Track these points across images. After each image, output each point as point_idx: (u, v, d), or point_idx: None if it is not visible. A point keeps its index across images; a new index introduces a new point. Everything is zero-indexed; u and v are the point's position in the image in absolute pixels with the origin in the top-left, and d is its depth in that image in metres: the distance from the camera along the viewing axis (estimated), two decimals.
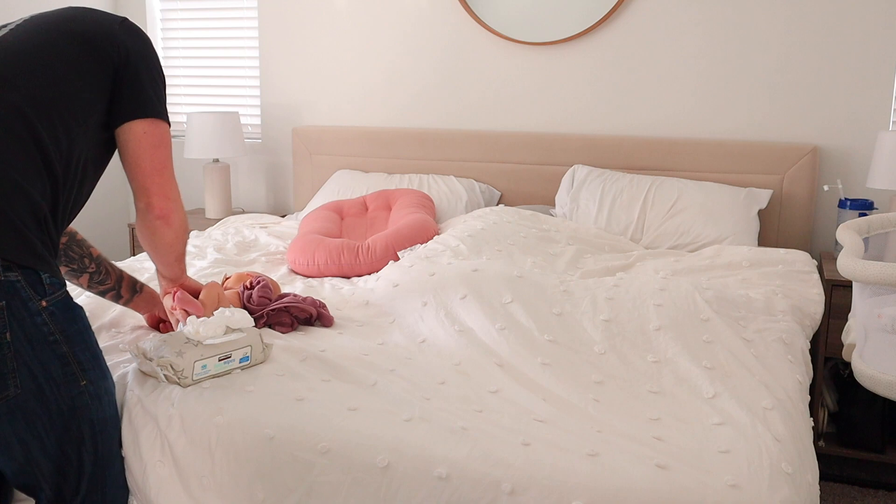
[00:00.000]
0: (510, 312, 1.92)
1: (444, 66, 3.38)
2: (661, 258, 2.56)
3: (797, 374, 1.75)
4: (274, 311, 1.91)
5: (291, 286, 2.34)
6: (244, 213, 3.64)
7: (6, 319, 1.32)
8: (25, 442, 1.38)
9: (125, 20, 1.55)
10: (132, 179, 1.54)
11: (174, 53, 3.89)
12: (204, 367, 1.58)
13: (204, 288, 1.84)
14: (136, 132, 1.51)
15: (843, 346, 1.94)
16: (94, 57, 1.47)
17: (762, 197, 2.84)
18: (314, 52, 3.57)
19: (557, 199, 3.04)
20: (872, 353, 1.76)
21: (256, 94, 3.75)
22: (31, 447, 1.39)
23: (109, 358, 1.69)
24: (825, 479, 2.57)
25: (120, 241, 3.92)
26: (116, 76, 1.50)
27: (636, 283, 2.09)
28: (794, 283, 2.31)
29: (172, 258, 1.67)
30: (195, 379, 1.57)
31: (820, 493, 1.46)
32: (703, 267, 2.42)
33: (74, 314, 1.42)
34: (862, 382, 1.77)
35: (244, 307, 1.92)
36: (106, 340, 1.82)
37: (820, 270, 2.74)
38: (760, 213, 2.85)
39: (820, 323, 2.22)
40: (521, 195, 3.23)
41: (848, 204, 2.75)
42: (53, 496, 1.45)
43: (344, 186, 3.28)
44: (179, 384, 1.56)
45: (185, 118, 3.80)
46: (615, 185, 2.92)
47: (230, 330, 1.63)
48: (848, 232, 1.85)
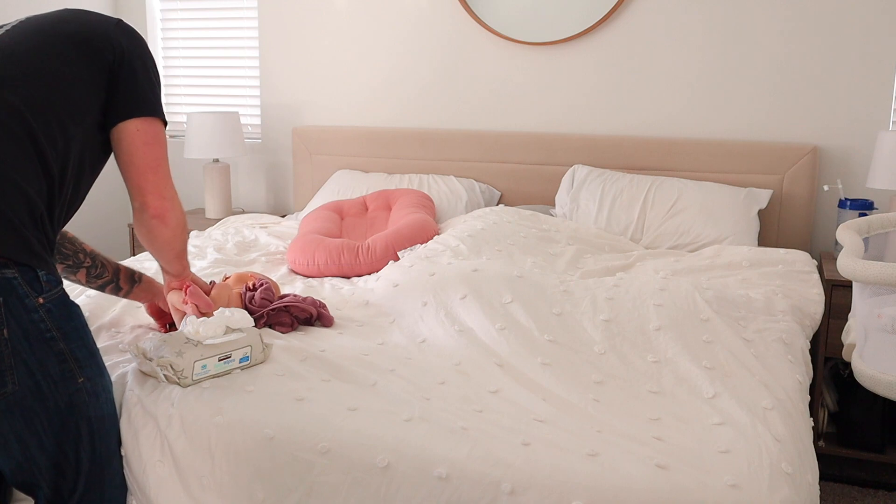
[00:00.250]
0: (510, 312, 1.92)
1: (444, 66, 3.38)
2: (661, 258, 2.56)
3: (797, 374, 1.75)
4: (274, 310, 1.91)
5: (291, 286, 2.34)
6: (244, 213, 3.64)
7: (3, 316, 1.32)
8: (23, 439, 1.39)
9: (120, 21, 1.56)
10: (127, 178, 1.54)
11: (174, 53, 3.89)
12: (204, 367, 1.58)
13: (215, 287, 1.86)
14: (129, 130, 1.52)
15: (843, 346, 1.94)
16: (89, 58, 1.48)
17: (762, 197, 2.84)
18: (314, 52, 3.57)
19: (557, 199, 3.04)
20: (872, 353, 1.76)
21: (256, 94, 3.75)
22: (28, 445, 1.39)
23: (109, 358, 1.69)
24: (825, 479, 2.56)
25: (120, 241, 3.92)
26: (112, 76, 1.50)
27: (636, 283, 2.09)
28: (794, 283, 2.31)
29: (171, 255, 1.67)
30: (195, 379, 1.57)
31: (820, 493, 1.46)
32: (703, 267, 2.42)
33: (71, 311, 1.43)
34: (862, 382, 1.77)
35: (245, 308, 1.92)
36: (105, 340, 1.82)
37: (820, 270, 2.74)
38: (760, 213, 2.85)
39: (820, 323, 2.22)
40: (521, 195, 3.23)
41: (848, 204, 2.75)
42: (51, 494, 1.45)
43: (344, 186, 3.28)
44: (179, 384, 1.56)
45: (185, 118, 3.80)
46: (615, 185, 2.92)
47: (230, 330, 1.63)
48: (848, 232, 1.85)
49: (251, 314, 1.83)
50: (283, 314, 1.92)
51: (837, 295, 2.53)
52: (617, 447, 1.38)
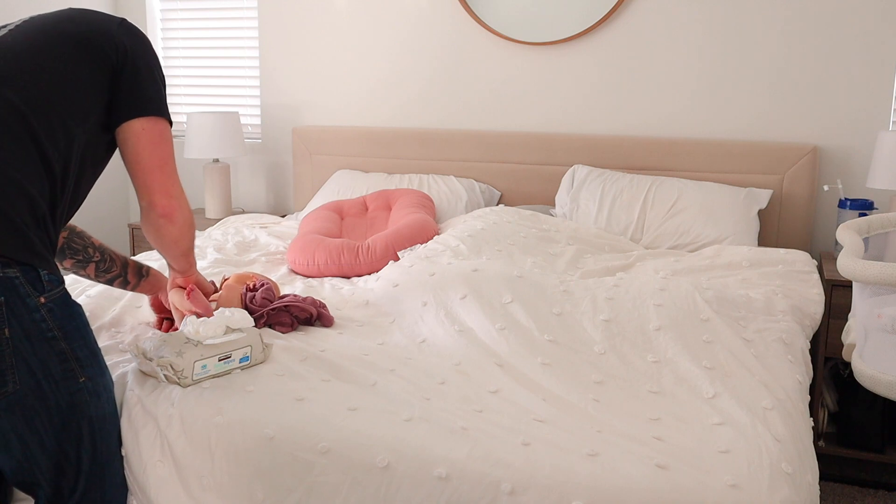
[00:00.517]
0: (510, 312, 1.92)
1: (444, 66, 3.38)
2: (661, 258, 2.56)
3: (797, 374, 1.75)
4: (274, 310, 1.91)
5: (291, 286, 2.34)
6: (244, 213, 3.64)
7: (5, 316, 1.32)
8: (24, 439, 1.39)
9: (124, 21, 1.56)
10: (134, 178, 1.54)
11: (174, 53, 3.89)
12: (204, 367, 1.58)
13: (224, 288, 1.86)
14: (135, 130, 1.51)
15: (843, 346, 1.94)
16: (93, 57, 1.48)
17: (762, 197, 2.84)
18: (314, 52, 3.58)
19: (557, 199, 3.04)
20: (872, 353, 1.76)
21: (256, 94, 3.75)
22: (29, 444, 1.39)
23: (109, 358, 1.69)
24: (825, 479, 2.57)
25: (120, 240, 3.92)
26: (115, 76, 1.50)
27: (636, 283, 2.09)
28: (794, 283, 2.31)
29: (178, 253, 1.67)
30: (195, 379, 1.57)
31: (820, 493, 1.46)
32: (703, 267, 2.42)
33: (73, 311, 1.43)
34: (862, 382, 1.77)
35: (245, 307, 1.92)
36: (106, 340, 1.82)
37: (820, 270, 2.74)
38: (760, 213, 2.85)
39: (820, 323, 2.22)
40: (521, 195, 3.23)
41: (848, 204, 2.75)
42: (52, 494, 1.45)
43: (344, 186, 3.28)
44: (179, 384, 1.56)
45: (185, 118, 3.80)
46: (615, 185, 2.92)
47: (230, 330, 1.64)
48: (848, 232, 1.85)
49: (251, 314, 1.83)
50: (283, 314, 1.92)
51: (837, 295, 2.53)
52: (617, 447, 1.38)
